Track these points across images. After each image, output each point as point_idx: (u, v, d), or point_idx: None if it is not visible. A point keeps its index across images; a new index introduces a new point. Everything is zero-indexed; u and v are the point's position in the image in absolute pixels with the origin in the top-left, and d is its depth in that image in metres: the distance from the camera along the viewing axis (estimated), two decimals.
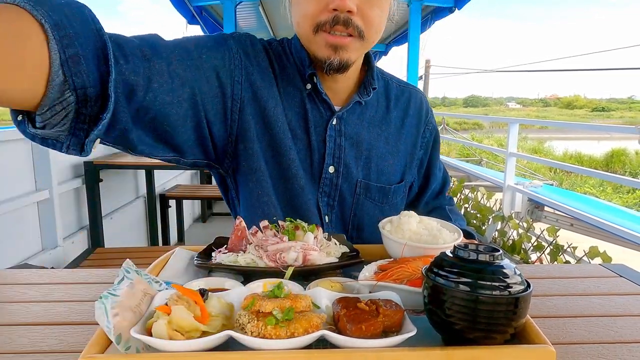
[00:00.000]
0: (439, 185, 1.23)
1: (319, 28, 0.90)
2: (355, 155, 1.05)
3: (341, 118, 1.03)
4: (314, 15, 0.90)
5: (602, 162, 17.24)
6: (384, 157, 1.09)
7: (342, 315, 0.57)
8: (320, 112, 1.03)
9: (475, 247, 0.59)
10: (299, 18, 0.93)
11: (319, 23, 0.90)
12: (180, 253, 0.90)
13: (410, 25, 5.42)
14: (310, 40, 0.94)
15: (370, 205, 1.08)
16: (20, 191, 2.62)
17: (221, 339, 0.55)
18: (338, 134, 1.03)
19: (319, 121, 1.02)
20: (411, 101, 1.15)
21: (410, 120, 1.14)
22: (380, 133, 1.09)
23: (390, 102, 1.12)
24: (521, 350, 0.54)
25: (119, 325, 0.54)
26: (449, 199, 1.27)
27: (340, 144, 1.03)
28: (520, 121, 5.54)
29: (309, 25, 0.91)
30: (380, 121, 1.09)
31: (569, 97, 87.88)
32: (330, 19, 0.88)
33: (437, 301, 0.56)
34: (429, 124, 1.18)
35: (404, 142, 1.12)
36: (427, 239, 0.82)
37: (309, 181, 1.03)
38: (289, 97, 1.01)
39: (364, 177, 1.07)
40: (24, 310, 0.82)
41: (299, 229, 0.87)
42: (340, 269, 0.85)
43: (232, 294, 0.65)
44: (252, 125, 0.97)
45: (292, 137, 1.01)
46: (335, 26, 0.89)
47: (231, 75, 0.94)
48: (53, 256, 2.77)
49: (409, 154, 1.14)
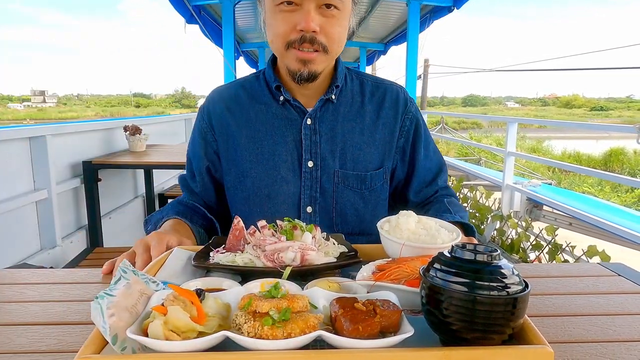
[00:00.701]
0: (430, 173, 1.29)
1: (290, 45, 1.07)
2: (331, 148, 1.19)
3: (315, 117, 1.19)
4: (284, 34, 1.06)
5: (600, 161, 17.26)
6: (360, 147, 1.20)
7: (340, 316, 0.56)
8: (294, 115, 1.19)
9: (473, 247, 0.59)
10: (273, 37, 1.10)
11: (289, 41, 1.07)
12: (178, 253, 0.89)
13: (409, 25, 5.41)
14: (283, 55, 1.11)
15: (349, 192, 1.20)
16: (19, 191, 2.61)
17: (217, 340, 0.54)
18: (313, 132, 1.18)
19: (294, 123, 1.19)
20: (387, 94, 1.25)
21: (387, 111, 1.24)
22: (354, 126, 1.21)
23: (365, 98, 1.24)
24: (519, 351, 0.54)
25: (115, 325, 0.54)
26: (445, 188, 1.31)
27: (316, 140, 1.18)
28: (518, 120, 5.54)
29: (280, 43, 1.08)
30: (355, 115, 1.22)
31: (568, 96, 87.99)
32: (298, 38, 1.05)
33: (434, 301, 0.56)
34: (408, 113, 1.26)
35: (381, 131, 1.22)
36: (426, 239, 0.81)
37: (292, 177, 1.18)
38: (262, 113, 1.21)
39: (340, 167, 1.19)
40: (22, 310, 0.82)
41: (297, 228, 0.87)
42: (338, 269, 0.85)
43: (229, 294, 0.65)
44: (231, 145, 1.21)
45: (273, 143, 1.19)
46: (302, 44, 1.06)
47: (207, 140, 1.26)
48: (52, 256, 2.77)
49: (387, 142, 1.23)
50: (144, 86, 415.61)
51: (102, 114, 56.74)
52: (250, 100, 1.22)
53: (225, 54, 5.24)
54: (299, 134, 1.18)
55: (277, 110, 1.20)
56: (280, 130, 1.19)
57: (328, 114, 1.20)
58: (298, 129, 1.18)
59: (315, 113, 1.18)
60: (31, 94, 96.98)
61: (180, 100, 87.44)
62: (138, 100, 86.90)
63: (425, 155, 1.28)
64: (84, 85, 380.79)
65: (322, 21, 1.05)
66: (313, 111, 1.18)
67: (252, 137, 1.20)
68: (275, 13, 1.07)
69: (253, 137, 1.19)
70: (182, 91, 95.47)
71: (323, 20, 1.05)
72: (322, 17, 1.05)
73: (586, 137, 27.78)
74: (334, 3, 1.05)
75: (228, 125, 1.22)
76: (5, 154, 2.49)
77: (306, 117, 1.18)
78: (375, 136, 1.22)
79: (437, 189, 1.29)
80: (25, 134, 2.66)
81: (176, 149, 3.80)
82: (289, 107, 1.19)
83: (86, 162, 3.09)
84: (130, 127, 3.57)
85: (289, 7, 1.05)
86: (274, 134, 1.19)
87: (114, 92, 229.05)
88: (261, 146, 1.19)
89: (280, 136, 1.19)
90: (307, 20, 1.03)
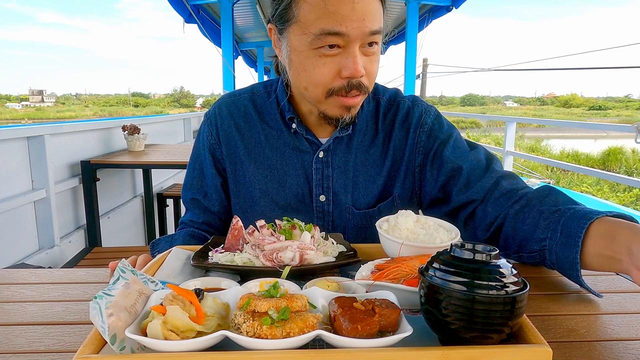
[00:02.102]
0: (473, 171, 1.08)
1: (333, 93, 0.97)
2: (344, 182, 1.12)
3: (327, 150, 1.11)
4: (326, 82, 0.95)
5: (599, 161, 17.28)
6: (373, 179, 1.13)
7: (338, 315, 0.56)
8: (306, 147, 1.12)
9: (472, 246, 0.59)
10: (308, 84, 0.98)
11: (333, 89, 0.96)
12: (177, 252, 0.89)
13: (408, 24, 5.42)
14: (321, 102, 1.00)
15: (361, 229, 1.14)
16: (17, 190, 2.61)
17: (216, 339, 0.54)
18: (325, 165, 1.12)
19: (306, 155, 1.12)
20: (398, 114, 1.15)
21: (397, 133, 1.14)
22: (367, 157, 1.13)
23: (379, 123, 1.15)
24: (518, 350, 0.54)
25: (114, 325, 0.54)
26: (508, 178, 1.06)
27: (328, 174, 1.12)
28: (517, 120, 5.55)
29: (321, 92, 0.97)
30: (368, 146, 1.13)
31: (566, 95, 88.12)
32: (345, 85, 0.95)
33: (433, 301, 0.56)
34: (424, 126, 1.13)
35: (390, 157, 1.13)
36: (424, 238, 0.81)
37: (303, 208, 1.12)
38: (273, 139, 1.13)
39: (353, 203, 1.13)
40: (20, 310, 0.82)
41: (295, 228, 0.87)
42: (337, 269, 0.85)
43: (228, 293, 0.65)
44: (241, 171, 1.14)
45: (283, 173, 1.12)
46: (350, 91, 0.96)
47: (216, 157, 1.17)
48: (50, 256, 2.77)
49: (397, 168, 1.13)
50: (142, 86, 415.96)
51: (100, 113, 56.67)
52: (261, 121, 1.14)
53: (224, 54, 5.23)
54: (310, 166, 1.11)
55: (288, 139, 1.12)
56: (291, 160, 1.12)
57: (342, 146, 1.12)
58: (309, 161, 1.12)
59: (329, 145, 1.11)
60: (29, 93, 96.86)
61: (179, 100, 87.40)
62: (136, 100, 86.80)
63: (457, 157, 1.09)
64: (83, 85, 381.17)
65: (365, 61, 0.95)
66: (326, 144, 1.11)
67: (261, 163, 1.13)
68: (313, 58, 0.94)
69: (262, 164, 1.13)
70: (180, 91, 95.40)
71: (365, 59, 0.95)
72: (364, 57, 0.95)
73: (585, 137, 27.81)
74: (376, 40, 0.95)
75: (236, 147, 1.14)
76: (3, 153, 2.49)
77: (319, 150, 1.11)
78: (385, 163, 1.13)
79: (487, 184, 1.05)
80: (23, 134, 2.66)
81: (175, 149, 3.80)
82: (302, 137, 1.12)
83: (84, 161, 3.09)
84: (128, 126, 3.56)
85: (331, 50, 0.93)
86: (284, 164, 1.12)
87: (112, 91, 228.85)
88: (271, 174, 1.13)
89: (291, 166, 1.12)
90: (356, 66, 0.92)
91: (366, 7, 0.90)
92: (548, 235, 0.89)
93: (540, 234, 0.91)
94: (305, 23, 0.92)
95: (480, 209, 1.05)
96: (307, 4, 0.91)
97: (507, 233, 1.00)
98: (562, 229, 0.87)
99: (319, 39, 0.91)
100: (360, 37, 0.91)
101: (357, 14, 0.89)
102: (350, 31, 0.90)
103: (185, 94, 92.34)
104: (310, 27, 0.91)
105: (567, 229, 0.86)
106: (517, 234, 0.97)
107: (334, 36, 0.90)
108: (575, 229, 0.84)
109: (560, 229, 0.87)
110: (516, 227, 0.97)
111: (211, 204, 1.18)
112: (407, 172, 1.14)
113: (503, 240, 1.01)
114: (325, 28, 0.90)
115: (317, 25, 0.90)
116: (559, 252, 0.86)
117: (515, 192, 1.03)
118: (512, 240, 0.98)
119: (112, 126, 3.72)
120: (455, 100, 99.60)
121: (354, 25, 0.89)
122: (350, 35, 0.90)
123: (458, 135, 1.15)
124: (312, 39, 0.92)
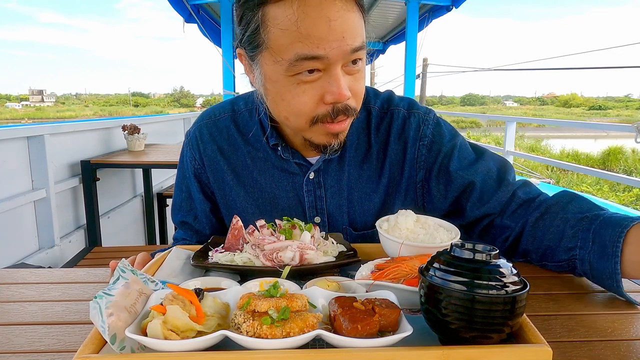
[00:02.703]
0: (486, 184, 1.02)
1: (318, 121, 0.88)
2: (339, 202, 1.05)
3: (318, 170, 1.04)
4: (309, 111, 0.86)
5: (599, 160, 17.27)
6: (369, 197, 1.05)
7: (338, 315, 0.56)
8: (295, 169, 1.05)
9: (472, 246, 0.59)
10: (289, 114, 0.89)
11: (317, 117, 0.87)
12: (177, 252, 0.89)
13: (408, 24, 5.41)
14: (305, 130, 0.91)
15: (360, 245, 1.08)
16: (17, 190, 2.61)
17: (216, 339, 0.54)
18: (317, 185, 1.05)
19: (296, 177, 1.05)
20: (392, 125, 1.06)
21: (393, 146, 1.05)
22: (361, 173, 1.05)
23: (371, 136, 1.06)
24: (518, 350, 0.54)
25: (114, 325, 0.54)
26: (524, 187, 1.02)
27: (321, 195, 1.05)
28: (517, 119, 5.55)
29: (303, 121, 0.88)
30: (362, 161, 1.06)
31: (566, 95, 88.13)
32: (330, 112, 0.86)
33: (433, 300, 0.56)
34: (424, 139, 1.04)
35: (387, 172, 1.05)
36: (424, 238, 0.81)
37: None
38: (259, 161, 1.06)
39: (350, 223, 1.06)
40: (20, 309, 0.82)
41: (295, 227, 0.87)
42: (337, 268, 0.85)
43: (228, 293, 0.65)
44: (230, 195, 1.09)
45: (273, 197, 1.06)
46: (336, 117, 0.87)
47: (202, 182, 1.12)
48: (50, 255, 2.77)
49: (396, 184, 1.06)
50: (142, 85, 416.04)
51: (100, 113, 56.69)
52: (245, 143, 1.07)
53: (223, 53, 5.23)
54: (301, 188, 1.05)
55: (276, 161, 1.05)
56: (280, 182, 1.06)
57: (333, 164, 1.04)
58: (300, 183, 1.05)
59: (320, 165, 1.04)
60: (29, 93, 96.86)
61: (179, 100, 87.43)
62: (136, 100, 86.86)
63: (467, 170, 1.03)
64: (82, 85, 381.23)
65: (349, 81, 0.85)
66: (316, 165, 1.03)
67: (250, 186, 1.07)
68: (290, 86, 0.85)
69: (252, 187, 1.07)
70: (180, 90, 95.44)
71: (349, 79, 0.86)
72: (348, 76, 0.86)
73: (585, 136, 27.81)
74: (360, 56, 0.85)
75: (222, 172, 1.08)
76: (3, 153, 2.49)
77: (309, 171, 1.04)
78: (381, 180, 1.05)
79: (503, 197, 1.00)
80: (23, 134, 2.66)
81: (175, 149, 3.80)
82: (290, 159, 1.04)
83: (84, 161, 3.09)
84: (128, 126, 3.56)
85: (310, 76, 0.82)
86: (274, 187, 1.06)
87: (112, 91, 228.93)
88: (261, 197, 1.07)
89: (282, 189, 1.06)
90: (340, 90, 0.82)
91: (344, 24, 0.80)
92: (577, 244, 0.87)
93: (568, 243, 0.89)
94: (277, 49, 0.82)
95: (497, 221, 1.01)
96: (276, 29, 0.80)
97: (526, 242, 0.96)
98: (595, 237, 0.84)
99: (294, 65, 0.81)
100: (341, 57, 0.81)
101: (335, 33, 0.79)
102: (329, 53, 0.80)
103: (185, 94, 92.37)
104: (283, 53, 0.81)
105: (601, 237, 0.83)
106: (540, 243, 0.94)
107: (311, 60, 0.80)
108: (611, 237, 0.81)
109: (592, 237, 0.85)
110: (536, 236, 0.94)
111: (202, 227, 1.14)
112: (409, 189, 1.06)
113: (522, 249, 0.98)
114: (301, 53, 0.80)
115: (290, 50, 0.80)
116: (594, 262, 0.84)
117: (532, 200, 0.99)
118: (533, 250, 0.95)
119: (112, 126, 3.72)
120: (455, 100, 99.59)
121: (332, 46, 0.79)
122: (330, 57, 0.80)
123: (462, 142, 1.07)
124: (287, 66, 0.82)
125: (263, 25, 0.82)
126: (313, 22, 0.78)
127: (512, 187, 1.02)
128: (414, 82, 5.85)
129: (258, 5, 0.82)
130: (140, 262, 0.89)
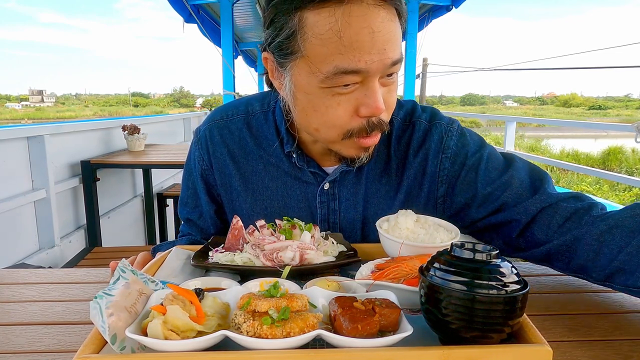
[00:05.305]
0: (519, 199, 0.92)
1: (352, 135, 0.84)
2: (353, 217, 1.01)
3: (334, 181, 0.99)
4: (343, 124, 0.83)
5: (598, 160, 17.25)
6: (384, 213, 0.95)
7: (339, 315, 0.56)
8: (309, 178, 1.00)
9: (472, 246, 0.59)
10: (320, 126, 0.85)
11: (351, 131, 0.83)
12: (178, 252, 0.89)
13: (408, 24, 5.41)
14: (336, 143, 0.88)
15: None
16: (17, 190, 2.61)
17: (216, 339, 0.54)
18: (332, 198, 1.00)
19: (309, 186, 1.01)
20: (413, 138, 1.00)
21: (412, 159, 1.00)
22: (379, 187, 1.00)
23: (391, 149, 1.01)
24: (518, 350, 0.54)
25: (114, 325, 0.54)
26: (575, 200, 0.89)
27: (335, 207, 1.01)
28: (517, 119, 5.56)
29: (336, 134, 0.85)
30: (380, 174, 1.00)
31: (566, 95, 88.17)
32: (365, 126, 0.83)
33: (433, 300, 0.56)
34: (446, 151, 0.98)
35: (405, 187, 1.00)
36: (424, 238, 0.81)
37: None
38: (271, 167, 1.02)
39: (362, 241, 1.02)
40: (21, 310, 0.82)
41: (295, 227, 0.87)
42: (337, 268, 0.85)
43: (228, 293, 0.65)
44: (238, 201, 1.06)
45: (283, 206, 1.02)
46: (372, 132, 0.84)
47: (209, 183, 1.08)
48: (50, 256, 2.77)
49: (412, 200, 1.00)
50: (142, 86, 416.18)
51: (100, 113, 56.67)
52: (258, 148, 1.02)
53: (223, 53, 5.23)
54: (314, 199, 1.01)
55: (289, 168, 1.01)
56: (292, 190, 1.01)
57: (350, 176, 0.99)
58: (313, 193, 1.01)
59: (336, 176, 0.99)
60: (29, 93, 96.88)
61: (179, 100, 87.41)
62: (136, 100, 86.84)
63: (496, 186, 0.94)
64: (82, 85, 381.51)
65: (383, 93, 0.82)
66: (333, 175, 0.99)
67: (259, 193, 1.03)
68: (325, 97, 0.81)
69: (261, 194, 1.03)
70: (180, 90, 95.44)
71: (384, 91, 0.82)
72: (383, 88, 0.82)
73: (584, 136, 27.81)
74: (398, 69, 0.82)
75: (230, 177, 1.05)
76: (3, 153, 2.49)
77: (324, 181, 0.99)
78: (397, 196, 1.00)
79: (557, 202, 0.89)
80: (23, 134, 2.66)
81: (175, 149, 3.80)
82: (304, 167, 1.00)
83: (84, 161, 3.10)
84: (128, 126, 3.57)
85: (347, 88, 0.79)
86: (285, 195, 1.02)
87: (112, 91, 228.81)
88: (270, 205, 1.03)
89: (293, 198, 1.02)
90: (377, 104, 0.79)
91: (387, 36, 0.76)
92: None
93: None
94: (314, 59, 0.77)
95: (527, 231, 0.91)
96: (315, 37, 0.76)
97: (585, 258, 0.83)
98: None
99: (331, 78, 0.77)
100: (380, 70, 0.78)
101: (378, 45, 0.75)
102: (370, 66, 0.76)
103: (185, 94, 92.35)
104: (321, 65, 0.77)
105: None
106: (610, 262, 0.80)
107: (350, 75, 0.77)
108: None
109: None
110: (602, 252, 0.81)
111: (207, 226, 1.12)
112: (427, 204, 1.00)
113: (577, 265, 0.85)
114: (341, 66, 0.76)
115: (330, 62, 0.76)
116: None
117: (586, 211, 0.87)
118: (596, 267, 0.82)
119: (112, 126, 3.72)
120: (455, 99, 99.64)
121: (374, 59, 0.76)
122: (370, 70, 0.77)
123: (490, 152, 0.99)
124: (323, 78, 0.78)
125: (300, 32, 0.77)
126: (356, 33, 0.74)
127: (552, 198, 0.90)
128: (413, 82, 5.85)
129: (295, 9, 0.77)
130: (140, 262, 0.89)
